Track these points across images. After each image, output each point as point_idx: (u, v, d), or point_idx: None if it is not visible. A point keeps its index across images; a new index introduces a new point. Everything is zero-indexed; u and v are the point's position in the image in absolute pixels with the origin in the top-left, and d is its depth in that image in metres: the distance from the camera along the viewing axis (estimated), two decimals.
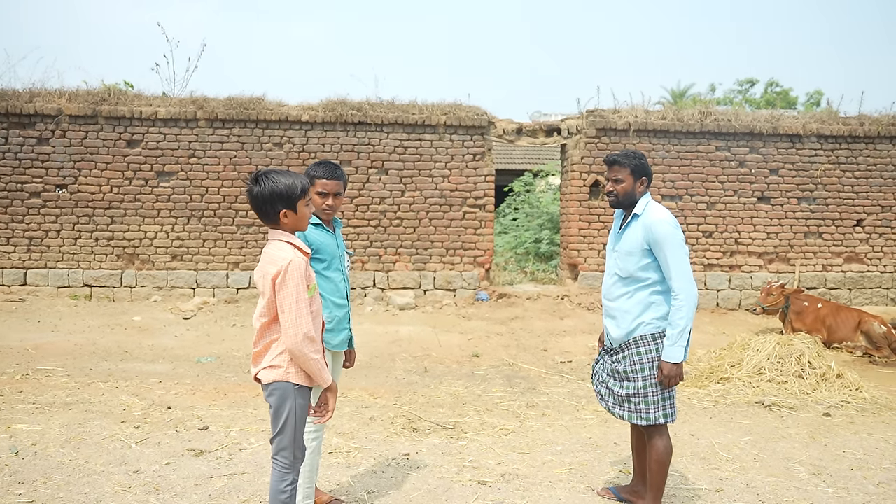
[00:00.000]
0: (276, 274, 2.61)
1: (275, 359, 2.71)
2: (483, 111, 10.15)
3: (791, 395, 5.89)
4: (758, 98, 33.61)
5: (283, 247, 2.68)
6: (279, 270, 2.60)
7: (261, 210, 2.69)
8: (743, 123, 10.25)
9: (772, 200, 10.40)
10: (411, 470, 4.11)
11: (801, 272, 10.41)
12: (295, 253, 2.66)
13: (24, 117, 9.63)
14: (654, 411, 3.32)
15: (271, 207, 2.66)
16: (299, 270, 2.62)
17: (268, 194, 2.64)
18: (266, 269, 2.67)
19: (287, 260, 2.61)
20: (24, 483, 3.79)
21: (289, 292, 2.60)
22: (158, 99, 10.04)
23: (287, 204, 2.66)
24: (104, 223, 9.79)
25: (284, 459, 2.74)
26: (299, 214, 2.72)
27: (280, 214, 2.67)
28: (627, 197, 3.42)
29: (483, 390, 6.01)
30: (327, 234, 3.44)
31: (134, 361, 6.88)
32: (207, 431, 4.72)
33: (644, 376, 3.32)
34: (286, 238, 2.71)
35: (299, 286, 2.61)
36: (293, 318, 2.60)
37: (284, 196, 2.65)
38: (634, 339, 3.34)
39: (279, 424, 2.72)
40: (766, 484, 4.01)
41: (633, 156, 3.43)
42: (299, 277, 2.61)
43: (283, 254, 2.64)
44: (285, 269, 2.60)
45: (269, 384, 2.73)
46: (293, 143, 9.93)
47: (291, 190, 2.66)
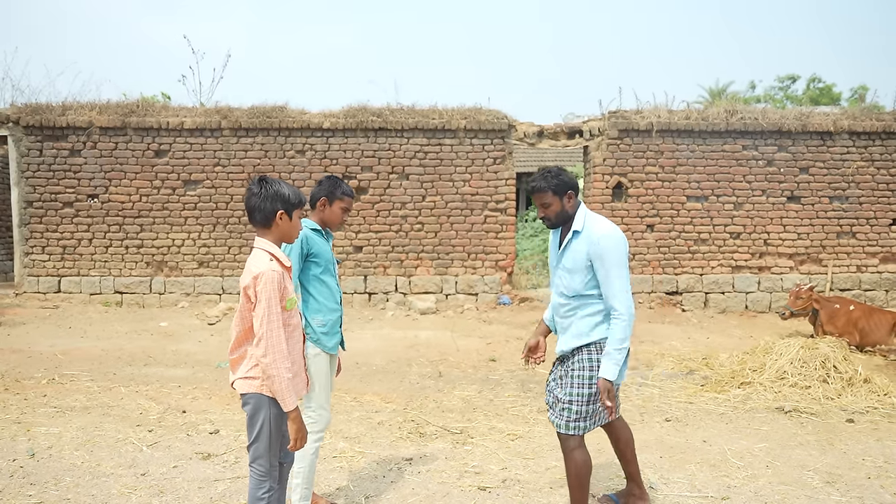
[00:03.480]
0: (247, 286, 2.62)
1: (250, 370, 2.71)
2: (503, 114, 10.12)
3: (814, 400, 5.71)
4: (799, 94, 32.79)
5: (261, 256, 2.69)
6: (249, 283, 2.62)
7: (259, 208, 2.70)
8: (771, 121, 10.01)
9: (802, 200, 10.13)
10: (412, 475, 4.11)
11: (834, 273, 10.11)
12: (270, 265, 2.64)
13: (57, 130, 9.95)
14: (570, 420, 3.20)
15: (271, 206, 2.69)
16: (272, 283, 2.60)
17: (271, 193, 2.69)
18: (243, 279, 2.69)
19: (259, 271, 2.61)
20: (36, 484, 3.90)
21: (261, 306, 2.59)
22: (185, 109, 10.27)
23: (285, 207, 2.71)
24: (134, 231, 10.05)
25: (260, 468, 2.75)
26: (293, 222, 2.77)
27: (277, 216, 2.70)
28: (560, 217, 3.30)
29: (495, 395, 5.97)
30: (325, 240, 3.57)
31: (157, 366, 7.02)
32: (217, 435, 4.80)
33: (581, 383, 3.20)
34: (268, 247, 2.72)
35: (272, 299, 2.59)
36: (265, 331, 2.59)
37: (285, 199, 2.71)
38: (587, 345, 3.23)
39: (254, 434, 2.73)
40: (775, 492, 3.90)
41: (549, 175, 3.28)
42: (272, 291, 2.59)
43: (258, 265, 2.65)
44: (258, 280, 2.60)
45: (244, 394, 2.74)
46: (315, 150, 10.05)
47: (292, 197, 2.73)
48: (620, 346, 3.12)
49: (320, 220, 3.59)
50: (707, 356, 7.38)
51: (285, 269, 2.71)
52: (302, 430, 2.71)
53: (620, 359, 3.13)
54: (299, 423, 2.70)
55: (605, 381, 3.12)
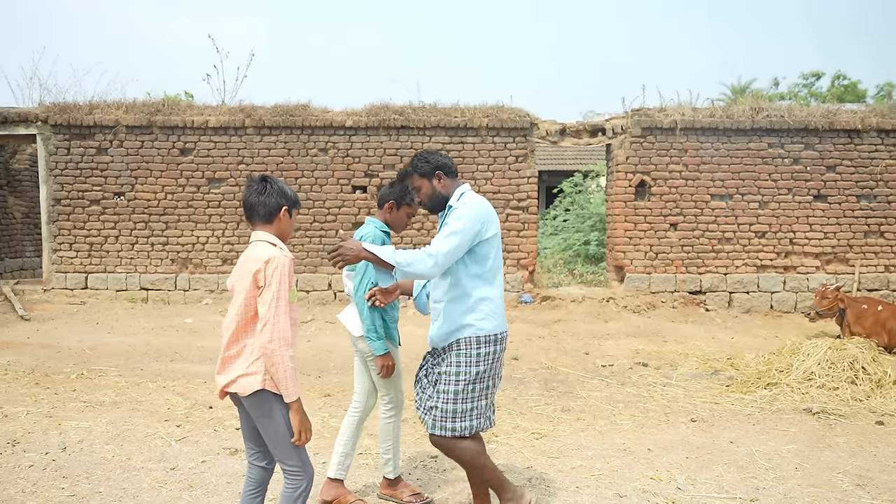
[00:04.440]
0: (258, 270, 2.57)
1: (251, 365, 2.60)
2: (525, 112, 10.09)
3: (842, 401, 5.64)
4: (824, 91, 32.30)
5: (266, 246, 2.66)
6: (260, 267, 2.56)
7: (263, 204, 2.70)
8: (797, 119, 9.88)
9: (829, 199, 9.99)
10: (438, 473, 4.12)
11: (861, 273, 9.96)
12: (281, 251, 2.64)
13: (84, 129, 10.10)
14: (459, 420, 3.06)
15: (276, 202, 2.71)
16: (284, 267, 2.58)
17: (276, 190, 2.73)
18: (246, 266, 2.62)
19: (271, 255, 2.58)
20: (68, 477, 3.97)
21: (271, 289, 2.55)
22: (209, 108, 10.36)
23: (288, 204, 2.76)
24: (159, 229, 10.17)
25: (292, 466, 2.67)
26: (292, 220, 2.81)
27: (281, 211, 2.73)
28: (433, 199, 3.26)
29: (519, 393, 5.97)
30: (389, 241, 3.75)
31: (182, 362, 7.11)
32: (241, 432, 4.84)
33: (458, 380, 3.06)
34: (270, 239, 2.70)
35: (283, 283, 2.55)
36: (272, 315, 2.53)
37: (289, 197, 2.77)
38: (457, 341, 3.10)
39: (273, 436, 2.64)
40: (805, 494, 3.86)
41: (416, 159, 3.27)
42: (283, 275, 2.56)
43: (268, 251, 2.62)
44: (269, 264, 2.56)
45: (248, 396, 2.61)
46: (338, 148, 10.10)
47: (292, 195, 2.80)
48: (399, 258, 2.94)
49: (385, 221, 3.74)
50: (732, 356, 7.31)
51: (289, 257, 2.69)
52: (305, 422, 2.63)
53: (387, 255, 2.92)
54: (302, 415, 2.62)
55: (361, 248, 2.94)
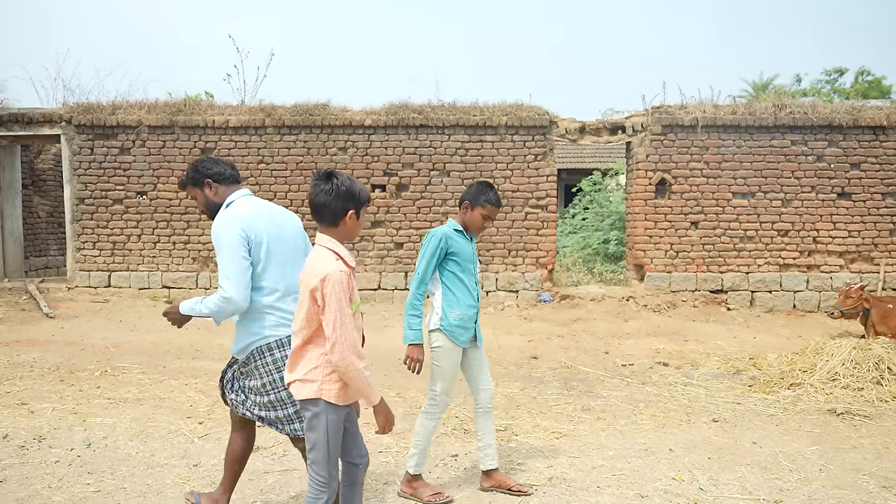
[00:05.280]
0: (315, 289, 2.53)
1: (308, 372, 2.63)
2: (545, 111, 10.06)
3: (867, 402, 5.56)
4: (847, 88, 31.84)
5: (326, 256, 2.59)
6: (317, 285, 2.52)
7: (328, 206, 2.59)
8: (821, 116, 9.75)
9: (853, 196, 9.85)
10: (458, 471, 4.13)
11: (886, 272, 9.81)
12: (337, 264, 2.56)
13: (107, 129, 10.23)
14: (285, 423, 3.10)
15: (342, 205, 2.59)
16: (340, 284, 2.52)
17: (343, 191, 2.59)
18: (307, 277, 2.59)
19: (326, 272, 2.52)
20: (93, 473, 4.02)
21: (331, 308, 2.51)
22: (230, 108, 10.45)
23: (356, 206, 2.63)
24: (181, 228, 10.27)
25: (319, 476, 2.65)
26: (359, 221, 2.68)
27: (347, 215, 2.61)
28: (208, 207, 3.25)
29: (538, 392, 5.96)
30: (467, 241, 3.80)
31: (204, 360, 7.18)
32: (265, 428, 4.87)
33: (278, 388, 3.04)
34: (332, 246, 2.62)
35: (342, 300, 2.51)
36: (339, 335, 2.51)
37: (356, 198, 2.63)
38: (252, 353, 3.07)
39: (311, 441, 2.66)
40: (829, 496, 3.81)
41: (189, 170, 3.27)
42: (341, 291, 2.51)
43: (324, 265, 2.55)
44: (325, 282, 2.51)
45: (303, 401, 2.66)
46: (357, 147, 10.14)
47: (362, 195, 2.65)
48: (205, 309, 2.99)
49: (462, 222, 3.80)
50: (754, 356, 7.23)
51: (350, 269, 2.62)
52: (389, 417, 2.70)
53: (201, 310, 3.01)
54: (385, 412, 2.68)
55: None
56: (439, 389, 3.72)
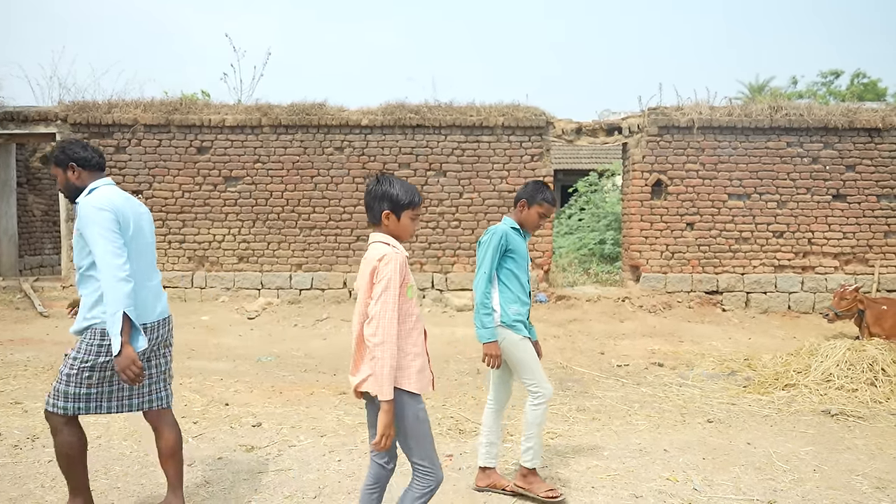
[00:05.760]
0: (374, 269, 2.63)
1: None
2: (541, 111, 10.07)
3: (861, 403, 5.58)
4: (843, 90, 31.94)
5: (381, 246, 2.71)
6: (375, 265, 2.63)
7: (369, 206, 2.78)
8: (816, 118, 9.77)
9: (848, 198, 9.87)
10: (452, 471, 4.13)
11: (881, 274, 9.84)
12: (393, 249, 2.68)
13: (103, 127, 10.20)
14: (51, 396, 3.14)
15: (378, 205, 2.75)
16: (395, 264, 2.61)
17: (379, 193, 2.75)
18: (364, 268, 2.70)
19: (384, 252, 2.64)
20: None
21: (380, 285, 2.59)
22: (226, 107, 10.43)
23: (392, 207, 2.73)
24: (176, 227, 10.25)
25: (422, 464, 2.70)
26: (401, 223, 2.77)
27: (383, 215, 2.74)
28: (67, 189, 3.28)
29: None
30: (522, 239, 3.86)
31: (199, 359, 7.16)
32: (260, 428, 4.88)
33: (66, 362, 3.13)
34: (385, 239, 2.75)
35: (392, 279, 2.59)
36: (380, 311, 2.57)
37: (392, 199, 2.74)
38: (89, 331, 3.13)
39: (405, 433, 2.69)
40: (823, 496, 3.82)
41: (56, 149, 3.30)
42: (394, 271, 2.60)
43: (381, 249, 2.68)
44: (382, 261, 2.62)
45: (376, 397, 2.61)
46: (353, 147, 10.13)
47: (400, 197, 2.74)
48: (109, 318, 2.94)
49: (518, 220, 3.86)
50: (749, 357, 7.25)
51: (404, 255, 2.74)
52: (391, 426, 2.61)
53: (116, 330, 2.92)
54: (390, 419, 2.60)
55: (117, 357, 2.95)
56: (535, 379, 3.74)
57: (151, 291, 3.26)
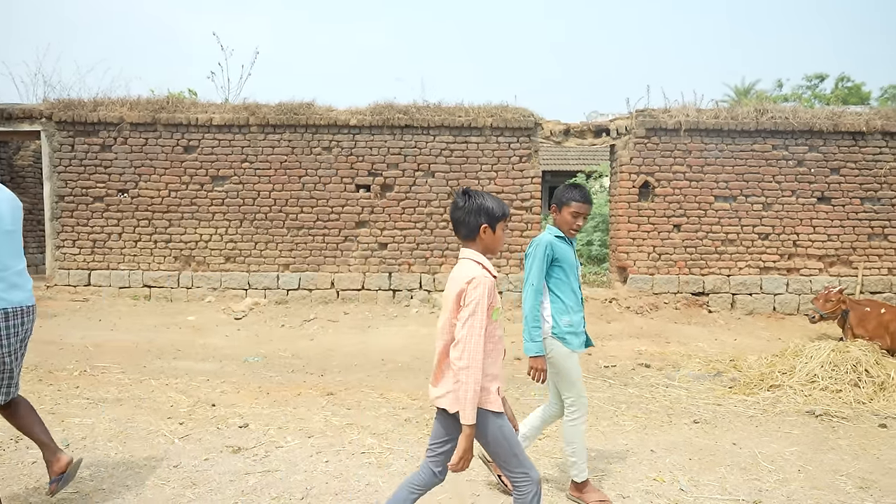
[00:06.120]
0: (461, 291, 2.62)
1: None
2: (530, 112, 10.09)
3: (845, 404, 5.64)
4: (827, 94, 32.27)
5: (471, 266, 2.69)
6: (463, 287, 2.61)
7: (464, 222, 2.74)
8: (801, 121, 9.87)
9: (833, 201, 9.98)
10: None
11: (864, 276, 9.95)
12: (482, 272, 2.65)
13: (88, 125, 10.11)
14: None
15: (474, 219, 2.72)
16: (484, 288, 2.59)
17: (475, 206, 2.72)
18: (452, 287, 2.68)
19: (472, 275, 2.62)
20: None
21: (468, 309, 2.58)
22: (213, 106, 10.37)
23: (489, 220, 2.74)
24: (162, 226, 10.18)
25: (517, 475, 2.70)
26: (496, 236, 2.77)
27: (481, 229, 2.73)
28: None
29: (521, 393, 5.97)
30: (568, 245, 3.77)
31: (185, 360, 7.12)
32: (247, 429, 4.85)
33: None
34: (476, 258, 2.73)
35: (480, 304, 2.57)
36: (468, 335, 2.56)
37: (490, 213, 2.74)
38: None
39: (494, 450, 2.68)
40: (808, 496, 3.85)
41: None
42: (482, 296, 2.59)
43: (471, 270, 2.67)
44: (469, 284, 2.60)
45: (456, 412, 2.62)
46: (342, 146, 10.10)
47: (495, 209, 2.75)
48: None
49: (557, 226, 3.82)
50: (735, 358, 7.31)
51: (494, 278, 2.71)
52: (470, 450, 2.60)
53: None
54: (470, 443, 2.60)
55: None
56: (574, 394, 3.72)
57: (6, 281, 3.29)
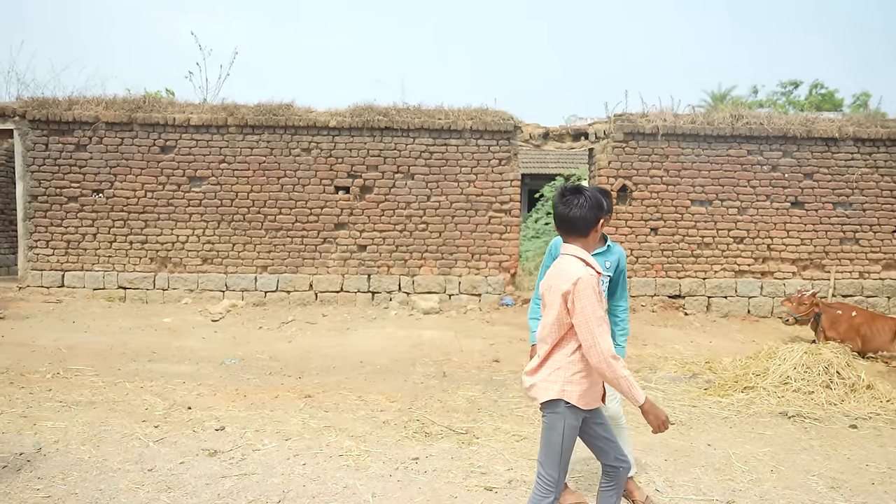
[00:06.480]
0: (567, 292, 2.62)
1: (551, 374, 2.71)
2: (509, 115, 10.13)
3: (817, 405, 5.73)
4: (802, 100, 32.78)
5: (574, 262, 2.70)
6: (569, 289, 2.62)
7: (584, 218, 2.72)
8: (776, 127, 10.03)
9: (806, 205, 10.15)
10: (419, 474, 4.12)
11: (836, 279, 10.13)
12: (586, 270, 2.66)
13: (63, 124, 9.97)
14: None
15: (594, 215, 2.73)
16: (591, 288, 2.60)
17: (595, 202, 2.74)
18: (556, 283, 2.68)
19: (577, 276, 2.62)
20: (44, 479, 3.91)
21: (585, 312, 2.59)
22: (191, 106, 10.28)
23: (604, 213, 2.83)
24: (138, 227, 10.06)
25: (549, 476, 2.74)
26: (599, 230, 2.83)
27: (598, 223, 2.76)
28: None
29: (500, 396, 5.99)
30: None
31: (161, 362, 7.03)
32: (223, 432, 4.81)
33: None
34: (580, 254, 2.74)
35: (594, 304, 2.59)
36: (593, 338, 2.58)
37: (604, 207, 2.82)
38: None
39: (549, 443, 2.73)
40: (780, 496, 3.92)
41: None
42: (592, 295, 2.60)
43: (574, 269, 2.66)
44: (576, 286, 2.61)
45: (544, 403, 2.72)
46: (321, 148, 10.06)
47: (606, 203, 2.87)
48: None
49: None
50: (710, 360, 7.39)
51: (598, 273, 2.73)
52: (659, 415, 2.67)
53: None
54: (654, 412, 2.66)
55: None
56: None
57: None
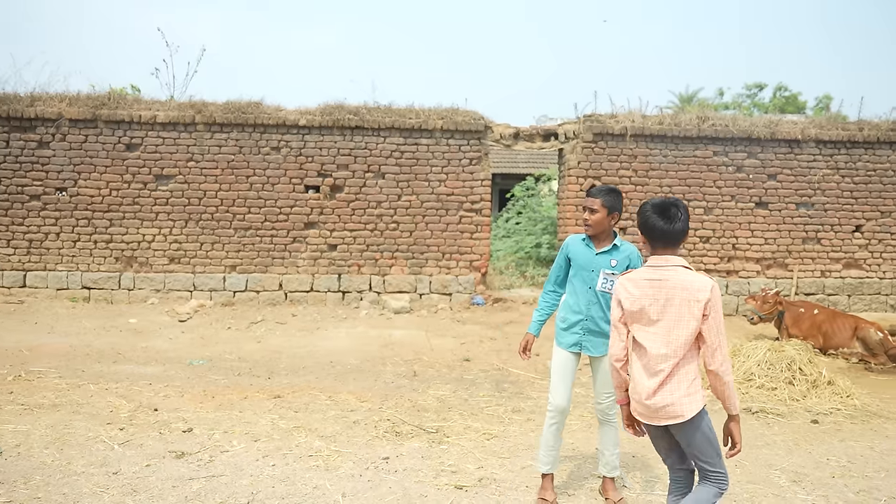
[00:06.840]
0: (709, 300, 2.70)
1: (690, 386, 2.77)
2: (480, 115, 10.17)
3: (780, 401, 5.86)
4: (766, 102, 33.44)
5: (692, 273, 2.79)
6: (710, 297, 2.70)
7: (685, 232, 2.84)
8: (741, 128, 10.23)
9: (770, 206, 10.37)
10: (389, 473, 4.12)
11: (799, 278, 10.36)
12: (708, 276, 2.82)
13: (25, 121, 9.74)
14: None
15: (687, 227, 2.87)
16: (719, 293, 2.76)
17: (688, 215, 2.88)
18: (684, 295, 2.72)
19: (710, 283, 2.73)
20: (4, 483, 3.82)
21: (717, 317, 2.71)
22: (157, 103, 10.12)
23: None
24: (103, 226, 9.87)
25: (720, 471, 2.81)
26: None
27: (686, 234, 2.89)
28: None
29: (470, 395, 6.01)
30: (585, 248, 3.85)
31: (126, 363, 6.92)
32: (191, 434, 4.75)
33: None
34: (686, 264, 2.83)
35: (721, 310, 2.75)
36: (720, 340, 2.70)
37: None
38: None
39: (706, 446, 2.79)
40: (743, 490, 4.00)
41: None
42: (720, 300, 2.75)
43: (700, 278, 2.76)
44: (713, 292, 2.71)
45: (693, 417, 2.74)
46: (290, 147, 9.99)
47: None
48: None
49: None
50: None
51: None
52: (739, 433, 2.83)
53: None
54: (739, 426, 2.83)
55: None
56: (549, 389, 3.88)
57: None
